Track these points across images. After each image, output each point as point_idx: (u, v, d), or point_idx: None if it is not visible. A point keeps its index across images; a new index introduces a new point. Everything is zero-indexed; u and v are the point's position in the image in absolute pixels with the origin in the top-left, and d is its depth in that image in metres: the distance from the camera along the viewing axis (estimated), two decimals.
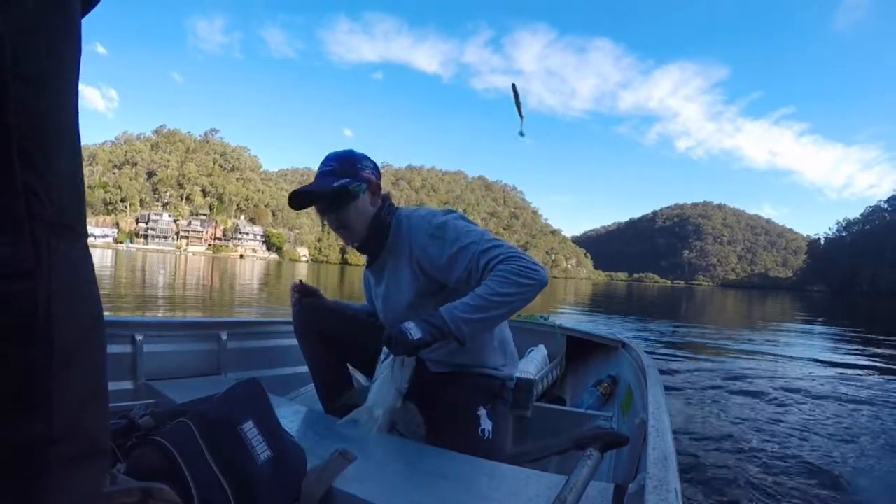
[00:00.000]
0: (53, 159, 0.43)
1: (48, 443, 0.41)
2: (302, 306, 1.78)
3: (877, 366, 7.45)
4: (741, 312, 24.75)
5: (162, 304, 11.01)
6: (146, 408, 0.98)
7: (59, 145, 0.44)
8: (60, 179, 0.44)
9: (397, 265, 1.64)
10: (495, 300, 1.38)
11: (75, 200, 0.46)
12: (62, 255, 0.43)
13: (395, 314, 1.66)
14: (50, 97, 0.44)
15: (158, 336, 2.05)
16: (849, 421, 4.07)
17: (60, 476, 0.43)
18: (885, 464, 3.10)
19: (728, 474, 2.82)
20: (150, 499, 0.71)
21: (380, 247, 1.67)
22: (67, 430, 0.43)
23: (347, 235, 1.66)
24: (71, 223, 0.45)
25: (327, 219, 1.64)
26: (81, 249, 0.46)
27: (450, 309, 1.39)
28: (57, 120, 0.45)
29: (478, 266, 1.47)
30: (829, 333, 13.59)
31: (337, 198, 1.59)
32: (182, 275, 24.38)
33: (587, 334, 3.35)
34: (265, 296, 16.14)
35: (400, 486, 1.04)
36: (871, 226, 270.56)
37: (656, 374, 1.87)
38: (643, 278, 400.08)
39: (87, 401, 0.47)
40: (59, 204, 0.43)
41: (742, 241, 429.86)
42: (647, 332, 11.47)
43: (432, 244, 1.54)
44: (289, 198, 1.61)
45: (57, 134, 0.44)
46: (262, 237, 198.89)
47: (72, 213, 0.45)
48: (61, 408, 0.42)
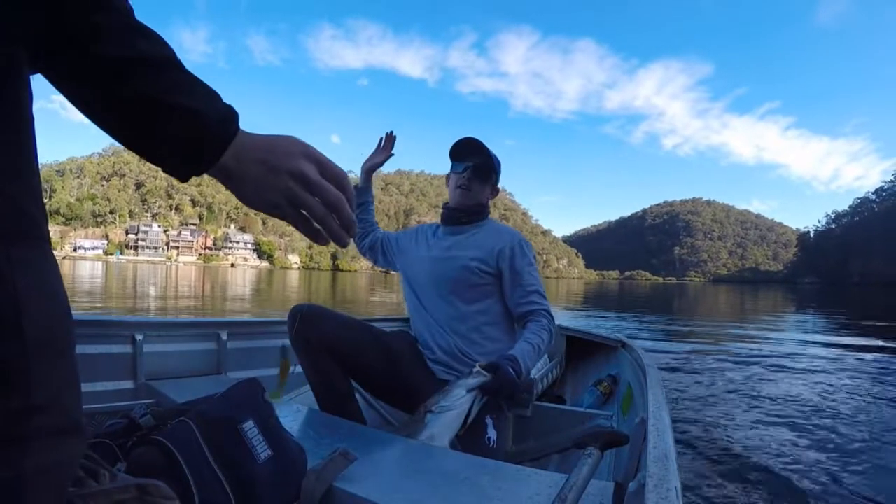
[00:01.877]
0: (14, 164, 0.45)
1: (29, 412, 0.44)
2: (297, 309, 1.77)
3: (877, 357, 7.50)
4: (735, 306, 24.88)
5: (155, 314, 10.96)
6: (147, 407, 0.98)
7: (15, 149, 0.45)
8: (30, 187, 0.46)
9: (475, 241, 1.89)
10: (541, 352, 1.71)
11: (34, 205, 0.46)
12: (25, 261, 0.45)
13: (441, 263, 1.88)
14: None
15: (158, 336, 2.05)
16: (850, 418, 4.08)
17: (43, 443, 0.45)
18: (886, 463, 3.11)
19: (728, 473, 2.83)
20: (146, 495, 0.71)
21: (469, 220, 1.94)
22: (46, 404, 0.46)
23: (464, 196, 1.91)
24: (27, 229, 0.46)
25: (465, 175, 1.89)
26: (44, 253, 0.48)
27: (525, 357, 1.62)
28: (18, 119, 0.45)
29: (521, 296, 1.81)
30: (830, 327, 13.57)
31: (489, 168, 1.91)
32: (173, 286, 24.24)
33: (587, 334, 3.35)
34: (256, 304, 16.09)
35: (400, 485, 1.04)
36: (861, 217, 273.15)
37: (656, 373, 1.87)
38: (635, 276, 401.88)
39: (62, 384, 0.49)
40: (20, 211, 0.45)
41: (732, 236, 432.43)
42: (645, 328, 11.51)
43: (514, 251, 1.83)
44: (462, 140, 1.91)
45: (15, 139, 0.45)
46: (252, 245, 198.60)
47: (30, 218, 0.46)
48: (38, 387, 0.45)
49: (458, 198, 1.92)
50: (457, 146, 1.92)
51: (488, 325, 1.83)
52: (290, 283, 38.47)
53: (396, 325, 3.21)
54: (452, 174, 1.95)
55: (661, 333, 10.53)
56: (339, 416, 1.55)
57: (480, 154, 1.89)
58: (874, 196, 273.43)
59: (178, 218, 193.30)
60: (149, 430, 0.94)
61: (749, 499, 2.54)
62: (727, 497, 2.55)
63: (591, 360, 3.29)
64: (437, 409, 1.43)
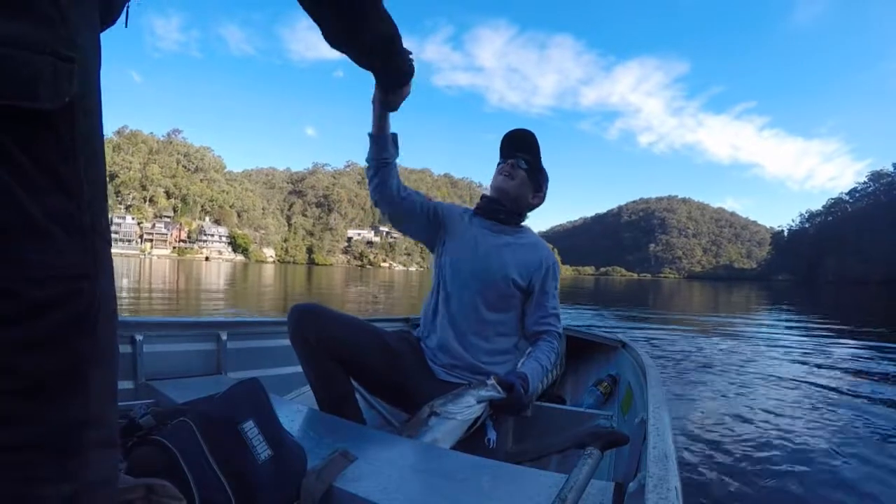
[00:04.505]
0: (99, 176, 0.49)
1: (84, 426, 0.45)
2: (296, 308, 1.76)
3: (858, 355, 7.63)
4: (709, 303, 25.16)
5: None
6: (147, 407, 0.97)
7: (99, 162, 0.49)
8: (101, 193, 0.49)
9: (521, 251, 1.86)
10: (547, 373, 1.80)
11: (106, 211, 0.50)
12: (105, 261, 0.48)
13: (487, 261, 1.82)
14: (93, 119, 0.48)
15: (158, 336, 2.04)
16: (850, 416, 4.12)
17: (94, 456, 0.47)
18: (886, 462, 3.14)
19: (729, 473, 2.84)
20: (153, 494, 0.73)
21: (507, 218, 1.89)
22: (97, 418, 0.47)
23: (505, 183, 1.86)
24: (104, 232, 0.49)
25: (509, 164, 1.85)
26: (110, 256, 0.51)
27: (535, 378, 1.66)
28: (98, 140, 0.49)
29: (542, 316, 1.83)
30: (813, 325, 13.73)
31: (539, 168, 1.89)
32: (147, 280, 23.85)
33: (587, 334, 3.37)
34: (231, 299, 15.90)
35: (400, 485, 1.04)
36: (834, 217, 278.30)
37: (656, 373, 1.88)
38: (610, 272, 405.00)
39: (109, 396, 0.51)
40: (101, 215, 0.49)
41: (707, 233, 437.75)
42: (628, 324, 11.57)
43: (549, 271, 1.86)
44: (518, 132, 1.88)
45: (100, 152, 0.49)
46: (227, 238, 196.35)
47: (105, 222, 0.50)
48: (93, 398, 0.47)
49: (499, 183, 1.86)
50: (512, 137, 1.88)
51: (500, 336, 1.83)
52: (266, 277, 38.01)
53: (397, 325, 3.21)
54: (501, 165, 1.88)
55: (646, 329, 10.59)
56: (339, 417, 1.54)
57: (532, 152, 1.87)
58: (848, 197, 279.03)
59: (152, 210, 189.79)
60: (149, 430, 0.93)
61: (750, 499, 2.56)
62: (727, 497, 2.56)
63: (591, 360, 3.30)
64: (444, 414, 1.43)
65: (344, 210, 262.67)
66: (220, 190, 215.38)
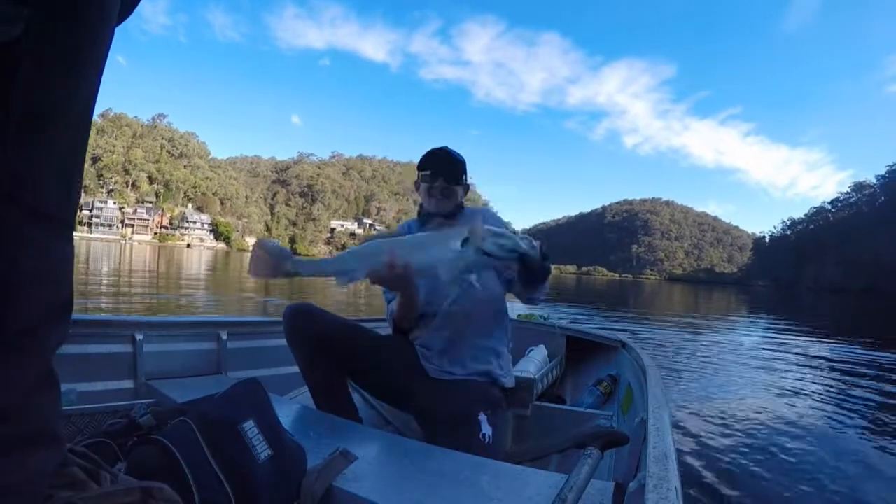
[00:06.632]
0: (52, 147, 0.42)
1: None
2: (291, 308, 1.76)
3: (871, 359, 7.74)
4: (690, 304, 25.42)
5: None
6: (147, 407, 0.96)
7: (61, 134, 0.43)
8: (52, 168, 0.43)
9: None
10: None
11: (65, 191, 0.44)
12: (35, 242, 0.42)
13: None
14: (65, 82, 0.42)
15: (158, 336, 2.04)
16: (849, 415, 4.18)
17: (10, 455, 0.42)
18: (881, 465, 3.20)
19: (729, 473, 2.87)
20: (151, 498, 0.70)
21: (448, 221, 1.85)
22: (13, 411, 0.42)
23: (441, 205, 1.87)
24: (52, 213, 0.43)
25: (437, 186, 1.86)
26: (60, 240, 0.45)
27: None
28: (68, 107, 0.43)
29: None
30: (797, 329, 13.97)
31: (459, 172, 1.89)
32: (127, 266, 23.56)
33: (587, 334, 3.39)
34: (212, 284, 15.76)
35: (400, 485, 1.04)
36: (815, 226, 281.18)
37: (657, 373, 1.90)
38: (592, 272, 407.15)
39: (33, 386, 0.45)
40: (45, 192, 0.42)
41: (689, 237, 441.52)
42: (619, 323, 11.63)
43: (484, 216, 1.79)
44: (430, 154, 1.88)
45: (63, 122, 0.43)
46: (209, 226, 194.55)
47: (57, 203, 0.44)
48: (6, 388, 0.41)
49: (435, 206, 1.89)
50: (426, 160, 1.90)
51: (489, 335, 1.83)
52: (246, 264, 37.72)
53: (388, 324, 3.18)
54: (424, 184, 1.90)
55: (636, 329, 10.65)
56: (336, 414, 1.55)
57: (449, 162, 1.88)
58: (830, 206, 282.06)
59: (134, 195, 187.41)
60: (149, 429, 0.93)
61: (750, 498, 2.59)
62: (728, 497, 2.59)
63: (591, 360, 3.32)
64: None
65: (328, 201, 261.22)
66: (203, 177, 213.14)
